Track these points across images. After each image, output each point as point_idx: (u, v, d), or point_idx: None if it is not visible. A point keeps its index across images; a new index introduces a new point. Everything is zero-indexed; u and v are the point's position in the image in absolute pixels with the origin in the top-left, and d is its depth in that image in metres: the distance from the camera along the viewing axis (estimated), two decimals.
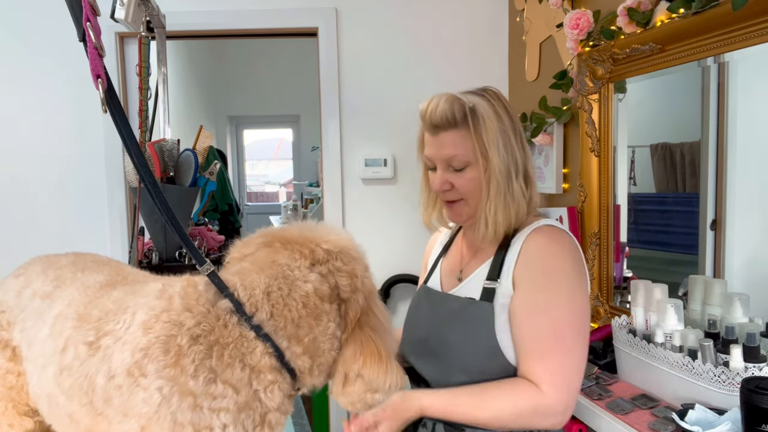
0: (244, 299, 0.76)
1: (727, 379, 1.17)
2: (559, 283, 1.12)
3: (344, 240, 0.84)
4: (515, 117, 1.21)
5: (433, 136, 1.19)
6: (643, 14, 1.55)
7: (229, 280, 0.78)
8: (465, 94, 1.18)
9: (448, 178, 1.19)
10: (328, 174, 2.66)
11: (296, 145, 7.21)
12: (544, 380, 1.08)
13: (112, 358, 0.73)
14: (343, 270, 0.80)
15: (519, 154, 1.18)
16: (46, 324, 0.85)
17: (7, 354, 0.95)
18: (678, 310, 1.35)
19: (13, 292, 0.95)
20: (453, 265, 1.32)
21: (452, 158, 1.17)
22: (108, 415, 0.73)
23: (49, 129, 2.55)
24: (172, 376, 0.69)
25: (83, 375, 0.76)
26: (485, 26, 2.65)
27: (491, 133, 1.14)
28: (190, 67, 5.34)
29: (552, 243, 1.14)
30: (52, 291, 0.90)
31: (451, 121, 1.15)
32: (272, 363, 0.75)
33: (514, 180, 1.17)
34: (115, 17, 1.46)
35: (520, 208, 1.18)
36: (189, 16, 2.52)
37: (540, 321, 1.10)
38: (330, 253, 0.81)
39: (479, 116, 1.15)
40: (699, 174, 1.55)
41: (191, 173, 1.79)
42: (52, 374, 0.80)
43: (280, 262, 0.79)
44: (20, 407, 0.97)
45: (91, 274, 0.91)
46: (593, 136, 1.84)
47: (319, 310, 0.78)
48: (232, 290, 0.77)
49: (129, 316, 0.76)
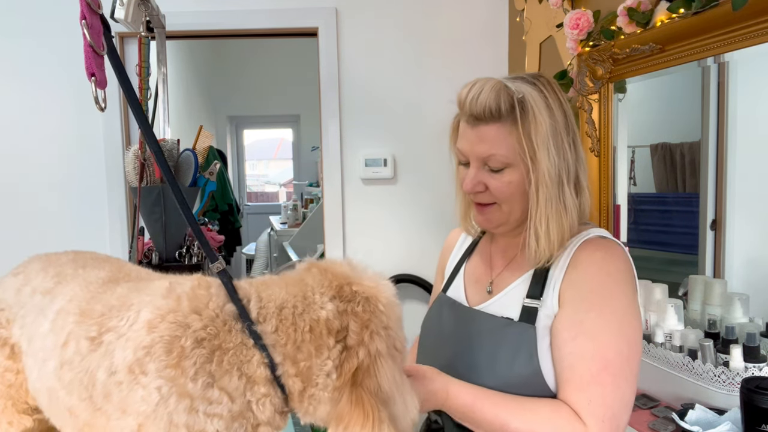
0: (255, 308, 0.75)
1: (727, 379, 1.17)
2: (611, 304, 0.96)
3: (378, 289, 0.79)
4: (569, 112, 1.03)
5: (471, 128, 1.01)
6: (643, 14, 1.55)
7: (243, 287, 0.78)
8: (514, 80, 1.01)
9: (482, 179, 1.03)
10: (328, 174, 2.66)
11: (296, 145, 7.21)
12: (586, 412, 0.92)
13: (114, 354, 0.73)
14: (359, 316, 0.76)
15: (571, 157, 1.01)
16: (47, 319, 0.85)
17: (5, 352, 0.95)
18: (678, 310, 1.35)
19: (12, 290, 0.95)
20: (480, 275, 1.15)
21: (490, 157, 1.00)
22: (107, 410, 0.73)
23: (49, 129, 2.55)
24: (172, 377, 0.69)
25: (84, 370, 0.76)
26: (485, 26, 2.65)
27: (542, 132, 0.97)
28: (190, 67, 5.34)
29: (607, 258, 0.98)
30: (53, 287, 0.90)
31: (495, 113, 0.98)
32: (266, 375, 0.74)
33: (566, 187, 1.00)
34: (114, 17, 1.46)
35: (573, 220, 1.01)
36: (189, 16, 2.52)
37: (585, 345, 0.94)
38: (355, 295, 0.77)
39: (529, 110, 0.97)
40: (699, 174, 1.55)
41: (191, 173, 1.79)
42: (52, 368, 0.80)
43: (306, 282, 0.78)
44: (19, 405, 0.97)
45: (92, 271, 0.91)
46: (593, 136, 1.84)
47: (322, 342, 0.75)
48: (244, 297, 0.76)
49: (133, 313, 0.76)
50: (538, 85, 1.00)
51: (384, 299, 0.78)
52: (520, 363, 0.98)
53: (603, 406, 0.92)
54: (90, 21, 0.75)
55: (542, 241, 1.00)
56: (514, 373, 0.98)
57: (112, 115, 2.55)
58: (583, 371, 0.93)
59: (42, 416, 0.97)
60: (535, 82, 1.01)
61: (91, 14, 0.75)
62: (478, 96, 0.98)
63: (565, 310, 0.97)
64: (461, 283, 1.17)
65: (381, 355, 0.76)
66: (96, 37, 0.76)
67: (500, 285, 1.09)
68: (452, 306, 1.14)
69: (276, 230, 5.30)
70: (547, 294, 1.00)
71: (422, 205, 2.67)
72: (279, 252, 4.92)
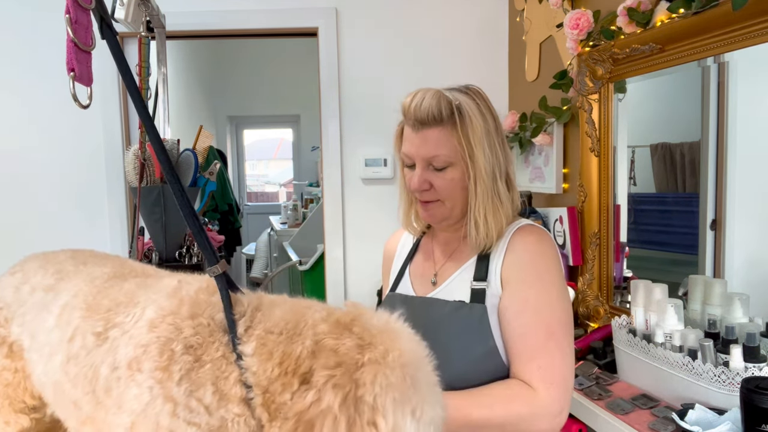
0: (243, 324, 0.71)
1: (727, 379, 1.17)
2: (549, 280, 1.10)
3: (384, 326, 0.68)
4: (497, 117, 1.17)
5: (416, 132, 1.13)
6: (643, 14, 1.55)
7: (243, 301, 0.73)
8: (450, 90, 1.14)
9: (427, 177, 1.14)
10: (328, 174, 2.66)
11: (296, 145, 7.21)
12: (538, 379, 1.04)
13: (118, 350, 0.73)
14: (339, 350, 0.64)
15: (501, 156, 1.15)
16: (51, 314, 0.85)
17: (3, 351, 0.95)
18: (678, 310, 1.35)
19: (10, 289, 0.95)
20: (425, 269, 1.26)
21: (434, 157, 1.12)
22: (106, 404, 0.74)
23: (49, 129, 2.55)
24: (160, 379, 0.69)
25: (89, 364, 0.76)
26: (485, 26, 2.65)
27: (477, 133, 1.10)
28: (190, 67, 5.34)
29: (540, 242, 1.13)
30: (55, 284, 0.90)
31: (437, 118, 1.10)
32: (242, 395, 0.68)
33: (499, 181, 1.14)
34: (114, 17, 1.46)
35: (508, 211, 1.15)
36: (189, 16, 2.52)
37: (531, 319, 1.07)
38: (351, 335, 0.65)
39: (465, 115, 1.10)
40: (699, 174, 1.55)
41: (191, 173, 1.79)
42: (59, 362, 0.80)
43: (311, 310, 0.71)
44: (16, 404, 0.97)
45: (95, 267, 0.91)
46: (593, 136, 1.84)
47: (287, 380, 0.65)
48: (240, 311, 0.72)
49: (139, 310, 0.76)
50: (470, 94, 1.14)
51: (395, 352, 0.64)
52: (478, 341, 1.09)
53: (552, 370, 1.05)
54: (75, 16, 0.74)
55: (481, 229, 1.12)
56: (474, 352, 1.09)
57: (112, 115, 2.55)
58: (532, 342, 1.06)
59: (39, 415, 0.97)
60: (467, 91, 1.15)
61: (77, 9, 0.74)
62: (421, 103, 1.11)
63: (508, 289, 1.11)
64: (407, 280, 1.27)
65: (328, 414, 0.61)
66: (82, 33, 0.75)
67: (445, 275, 1.20)
68: (403, 300, 1.23)
69: (276, 230, 5.31)
70: (490, 277, 1.13)
71: None
72: (279, 252, 4.92)
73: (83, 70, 0.76)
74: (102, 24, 0.73)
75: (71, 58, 0.74)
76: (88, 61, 0.76)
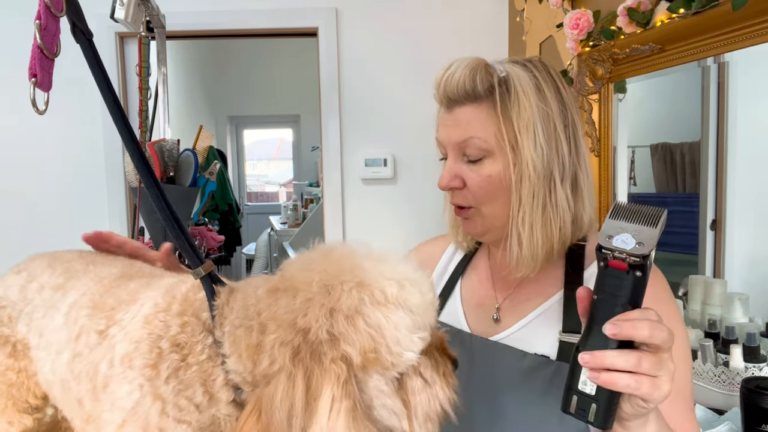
0: (219, 320, 0.69)
1: (727, 379, 1.17)
2: (678, 331, 0.76)
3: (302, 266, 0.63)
4: (569, 101, 0.87)
5: (448, 112, 0.89)
6: (643, 14, 1.55)
7: (221, 294, 0.71)
8: (501, 61, 0.90)
9: (459, 172, 0.87)
10: (328, 174, 2.66)
11: (296, 145, 7.21)
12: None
13: (116, 346, 0.74)
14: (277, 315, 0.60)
15: (567, 151, 0.84)
16: (60, 312, 0.85)
17: (7, 350, 0.95)
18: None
19: (16, 287, 0.95)
20: (481, 297, 0.96)
21: (466, 142, 0.85)
22: (102, 400, 0.74)
23: (49, 129, 2.55)
24: (149, 377, 0.69)
25: (91, 362, 0.76)
26: (485, 26, 2.65)
27: (527, 115, 0.82)
28: (190, 67, 5.34)
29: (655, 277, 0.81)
30: (64, 282, 0.90)
31: (470, 92, 0.86)
32: (231, 397, 0.67)
33: (558, 185, 0.83)
34: (115, 17, 1.46)
35: (565, 225, 0.84)
36: (189, 16, 2.52)
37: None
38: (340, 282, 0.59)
39: (512, 89, 0.84)
40: (699, 174, 1.55)
41: (191, 173, 1.79)
42: (65, 360, 0.81)
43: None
44: (20, 404, 0.97)
45: (104, 267, 0.91)
46: (593, 136, 1.84)
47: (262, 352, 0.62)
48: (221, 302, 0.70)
49: (138, 307, 0.76)
50: (529, 66, 0.88)
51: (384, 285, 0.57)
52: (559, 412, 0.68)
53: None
54: (45, 22, 0.74)
55: (525, 246, 0.83)
56: (549, 427, 0.79)
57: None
58: (669, 417, 0.71)
59: (40, 415, 0.97)
60: (526, 63, 0.89)
61: (48, 16, 0.74)
62: (452, 75, 0.87)
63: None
64: (458, 307, 0.96)
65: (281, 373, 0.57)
66: (48, 40, 0.75)
67: (511, 312, 0.90)
68: (455, 336, 0.89)
69: (276, 230, 5.31)
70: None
71: (422, 205, 2.67)
72: (279, 252, 4.92)
73: (44, 77, 0.77)
74: (74, 27, 0.73)
75: (34, 64, 0.74)
76: (50, 68, 0.77)
